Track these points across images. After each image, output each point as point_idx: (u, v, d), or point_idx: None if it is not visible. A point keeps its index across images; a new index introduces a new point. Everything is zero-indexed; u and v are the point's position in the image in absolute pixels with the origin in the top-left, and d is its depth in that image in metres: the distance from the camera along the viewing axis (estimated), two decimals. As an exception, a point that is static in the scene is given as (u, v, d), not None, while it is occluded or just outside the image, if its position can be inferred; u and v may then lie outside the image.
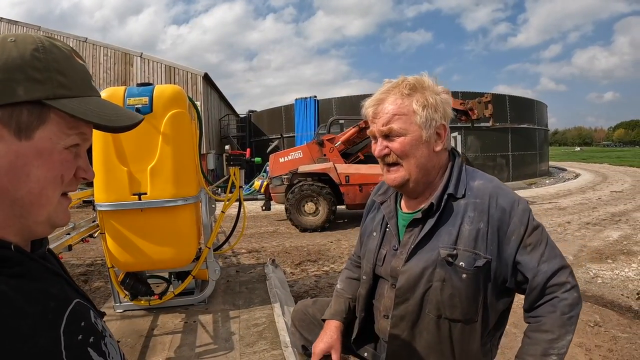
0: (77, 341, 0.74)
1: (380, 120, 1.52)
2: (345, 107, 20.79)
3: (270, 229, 10.00)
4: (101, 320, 0.89)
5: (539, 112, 24.60)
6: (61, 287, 0.79)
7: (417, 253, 1.52)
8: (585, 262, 6.10)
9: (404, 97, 1.50)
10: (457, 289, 1.45)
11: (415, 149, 1.50)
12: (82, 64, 0.79)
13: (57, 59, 0.72)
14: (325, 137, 10.61)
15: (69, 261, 6.63)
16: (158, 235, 3.46)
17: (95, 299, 4.83)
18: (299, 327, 2.10)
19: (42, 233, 0.79)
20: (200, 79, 20.78)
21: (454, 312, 1.48)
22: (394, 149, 1.52)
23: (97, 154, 3.33)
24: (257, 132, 25.31)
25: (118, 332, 3.39)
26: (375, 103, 1.55)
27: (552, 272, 1.43)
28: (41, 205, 0.73)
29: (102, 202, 3.36)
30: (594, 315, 4.14)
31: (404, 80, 1.53)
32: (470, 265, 1.44)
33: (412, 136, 1.49)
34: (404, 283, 1.53)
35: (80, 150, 0.78)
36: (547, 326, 1.42)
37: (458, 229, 1.48)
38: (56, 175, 0.73)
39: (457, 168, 1.59)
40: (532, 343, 1.44)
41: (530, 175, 22.33)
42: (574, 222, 9.26)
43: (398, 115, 1.49)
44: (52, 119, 0.71)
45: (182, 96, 3.52)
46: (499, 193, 1.51)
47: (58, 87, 0.71)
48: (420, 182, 1.56)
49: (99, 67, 20.73)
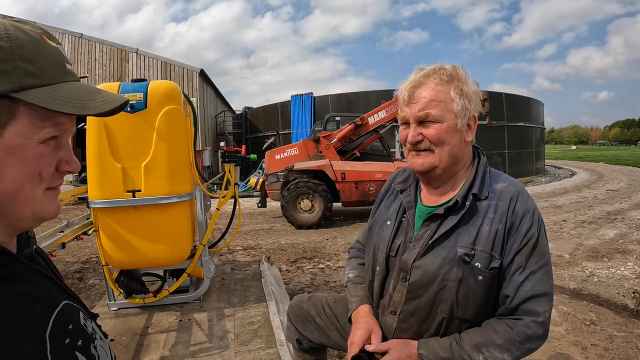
0: (64, 345, 0.72)
1: (417, 105, 1.47)
2: (342, 104, 20.76)
3: (266, 226, 9.97)
4: (92, 322, 0.87)
5: (535, 110, 24.60)
6: (48, 289, 0.76)
7: (434, 249, 1.48)
8: (581, 261, 6.11)
9: (443, 84, 1.46)
10: (472, 290, 1.43)
11: (450, 136, 1.47)
12: (55, 46, 0.72)
13: (23, 45, 0.66)
14: (321, 134, 10.56)
15: (63, 258, 6.60)
16: (152, 232, 3.43)
17: (90, 297, 4.80)
18: (294, 321, 2.10)
19: (29, 227, 0.77)
20: (196, 76, 20.67)
21: (466, 313, 1.46)
22: (429, 135, 1.47)
23: (90, 150, 3.30)
24: (253, 129, 25.21)
25: (112, 330, 3.37)
26: (412, 86, 1.49)
27: (531, 295, 1.39)
28: (21, 204, 0.69)
29: (96, 199, 3.33)
30: (589, 314, 4.14)
31: (441, 67, 1.50)
32: (486, 266, 1.41)
33: (448, 124, 1.46)
34: (418, 278, 1.49)
35: (60, 141, 0.73)
36: (499, 330, 1.41)
37: (478, 229, 1.45)
38: (33, 172, 0.68)
39: (482, 168, 1.56)
40: (479, 331, 1.44)
41: (526, 174, 22.35)
42: (570, 221, 9.28)
43: (436, 101, 1.45)
44: (22, 112, 0.65)
45: (177, 92, 3.49)
46: (519, 197, 1.48)
47: (25, 77, 0.65)
48: (447, 170, 1.53)
49: (94, 63, 20.57)
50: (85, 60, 20.55)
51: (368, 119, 10.24)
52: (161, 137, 3.33)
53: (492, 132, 19.72)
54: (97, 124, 3.23)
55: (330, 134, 10.56)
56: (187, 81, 20.50)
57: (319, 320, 2.03)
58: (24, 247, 0.79)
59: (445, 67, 1.50)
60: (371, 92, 20.81)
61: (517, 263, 1.42)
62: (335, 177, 9.73)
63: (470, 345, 1.40)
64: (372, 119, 10.23)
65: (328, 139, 10.37)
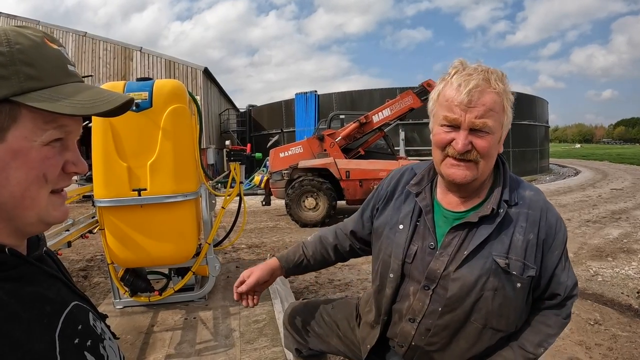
0: (73, 345, 0.72)
1: (475, 111, 1.34)
2: (346, 102, 20.75)
3: (271, 224, 9.98)
4: (101, 323, 0.88)
5: (539, 108, 24.51)
6: (58, 290, 0.77)
7: (471, 260, 1.41)
8: (586, 260, 6.09)
9: (500, 93, 1.36)
10: (508, 298, 1.40)
11: (495, 149, 1.41)
12: (57, 49, 0.73)
13: (24, 49, 0.67)
14: (325, 132, 10.55)
15: (68, 257, 6.62)
16: (158, 231, 3.45)
17: (94, 295, 4.82)
18: (291, 330, 2.04)
19: (37, 231, 0.76)
20: (200, 74, 20.68)
21: (500, 322, 1.44)
22: (479, 146, 1.36)
23: (96, 149, 3.31)
24: (257, 127, 25.21)
25: (118, 329, 3.38)
26: (474, 88, 1.34)
27: (572, 286, 1.50)
28: (26, 207, 0.69)
29: (102, 198, 3.34)
30: (594, 313, 4.13)
31: (494, 71, 1.39)
32: (521, 274, 1.40)
33: (497, 136, 1.40)
34: (457, 291, 1.42)
35: (67, 143, 0.73)
36: (551, 322, 1.50)
37: (510, 238, 1.41)
38: (38, 174, 0.68)
39: (507, 174, 1.52)
40: (533, 331, 1.50)
41: (530, 172, 22.29)
42: (574, 220, 9.25)
43: (494, 111, 1.36)
44: (24, 115, 0.66)
45: (182, 91, 3.50)
46: (548, 208, 1.49)
47: (26, 81, 0.65)
48: (480, 181, 1.48)
49: (98, 62, 20.61)
50: (89, 59, 20.61)
51: (372, 117, 10.22)
52: (167, 135, 3.34)
53: (497, 130, 19.70)
54: (103, 123, 3.25)
55: (335, 132, 10.54)
56: (191, 79, 20.52)
57: (318, 328, 1.97)
58: (34, 249, 0.80)
59: (497, 71, 1.40)
60: (375, 90, 20.78)
61: (561, 267, 1.47)
62: (340, 175, 9.72)
63: (533, 345, 1.46)
64: (377, 117, 10.21)
65: (332, 137, 10.35)
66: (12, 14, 22.09)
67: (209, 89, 22.49)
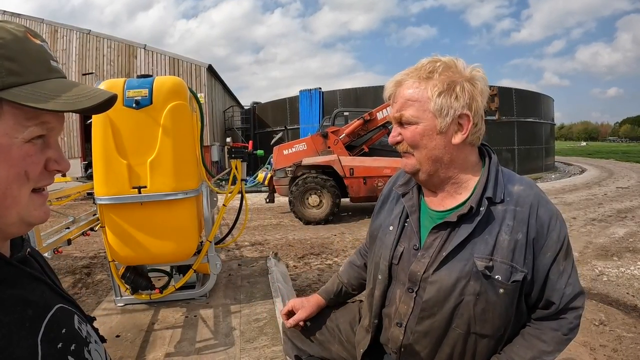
0: (56, 350, 0.71)
1: (395, 105, 1.40)
2: (350, 99, 20.70)
3: (274, 222, 9.96)
4: (87, 325, 0.86)
5: (545, 106, 24.36)
6: (41, 293, 0.75)
7: (449, 261, 1.36)
8: (591, 259, 6.03)
9: (421, 81, 1.35)
10: (492, 303, 1.33)
11: (427, 139, 1.36)
12: (40, 44, 0.72)
13: (5, 44, 0.65)
14: (329, 129, 10.53)
15: (71, 254, 6.64)
16: (158, 229, 3.43)
17: (97, 292, 4.82)
18: (291, 337, 1.98)
19: (17, 233, 0.74)
20: (204, 71, 20.67)
21: (484, 328, 1.35)
22: (405, 137, 1.39)
23: (96, 146, 3.30)
24: (261, 124, 25.19)
25: (119, 326, 3.38)
26: (393, 85, 1.41)
27: (573, 295, 1.37)
28: (7, 206, 0.67)
29: (102, 195, 3.33)
30: (598, 313, 4.08)
31: (430, 61, 1.38)
32: (507, 279, 1.31)
33: (425, 125, 1.35)
34: (434, 295, 1.37)
35: (48, 140, 0.72)
36: (547, 338, 1.37)
37: (495, 238, 1.33)
38: (19, 172, 0.67)
39: (494, 168, 1.43)
40: (526, 346, 1.38)
41: (536, 170, 22.17)
42: (580, 218, 9.18)
43: (411, 101, 1.35)
44: (5, 111, 0.64)
45: (183, 88, 3.47)
46: (540, 203, 1.38)
47: (7, 76, 0.64)
48: (434, 175, 1.41)
49: (102, 59, 20.64)
50: (93, 57, 20.65)
51: (377, 114, 10.19)
52: (167, 133, 3.32)
53: (502, 127, 19.61)
54: (103, 120, 3.23)
55: (339, 129, 10.53)
56: (195, 76, 20.53)
57: (319, 334, 1.91)
58: (18, 250, 0.78)
59: (434, 60, 1.37)
60: (380, 87, 20.62)
61: (556, 271, 1.35)
62: (344, 173, 9.68)
63: None
64: (381, 114, 10.18)
65: (336, 134, 10.34)
66: (16, 12, 22.16)
67: (213, 86, 22.49)
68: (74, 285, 5.09)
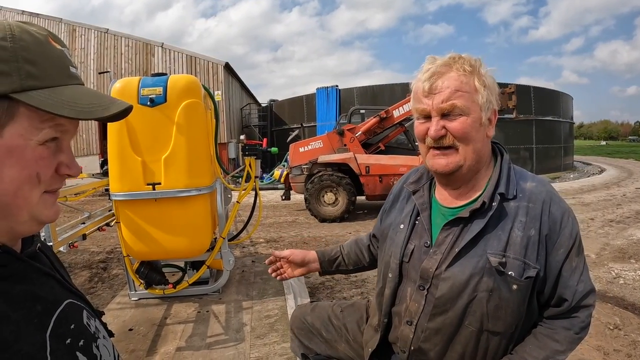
0: (64, 345, 0.71)
1: (440, 95, 1.33)
2: (367, 96, 20.62)
3: (290, 219, 10.00)
4: (96, 320, 0.87)
5: (564, 104, 23.93)
6: (50, 288, 0.76)
7: (462, 258, 1.36)
8: (608, 261, 5.91)
9: (467, 74, 1.34)
10: (505, 300, 1.32)
11: (475, 131, 1.35)
12: (60, 49, 0.72)
13: (27, 47, 0.66)
14: (345, 127, 10.51)
15: (88, 248, 6.76)
16: (172, 225, 3.48)
17: (113, 286, 4.89)
18: (298, 335, 1.99)
19: (29, 231, 0.75)
20: (221, 69, 20.76)
21: (497, 325, 1.35)
22: (453, 129, 1.34)
23: (111, 144, 3.35)
24: (278, 122, 25.25)
25: (132, 320, 3.44)
26: (432, 76, 1.35)
27: (585, 293, 1.36)
28: (18, 206, 0.68)
29: (117, 191, 3.39)
30: (614, 317, 4.00)
31: (461, 56, 1.37)
32: (520, 275, 1.30)
33: (474, 117, 1.34)
34: (446, 292, 1.37)
35: (61, 144, 0.73)
36: (559, 337, 1.35)
37: (508, 234, 1.33)
38: (31, 174, 0.68)
39: (506, 164, 1.44)
40: (539, 346, 1.36)
41: (554, 169, 21.82)
42: (598, 219, 9.02)
43: (462, 91, 1.33)
44: (22, 113, 0.65)
45: (197, 86, 3.51)
46: (552, 199, 1.37)
47: (27, 78, 0.65)
48: (472, 169, 1.41)
49: (120, 58, 20.86)
50: (111, 55, 20.88)
51: (393, 111, 10.14)
52: (181, 130, 3.36)
53: (520, 126, 19.33)
54: (118, 117, 3.28)
55: (355, 126, 10.50)
56: (212, 74, 20.63)
57: (326, 333, 1.91)
58: (28, 246, 0.79)
59: (464, 56, 1.38)
60: (397, 85, 20.57)
61: (569, 267, 1.34)
62: (360, 170, 9.67)
63: None
64: (397, 112, 10.13)
65: (352, 131, 10.32)
66: (35, 12, 22.49)
67: (230, 83, 22.58)
68: (90, 280, 5.18)
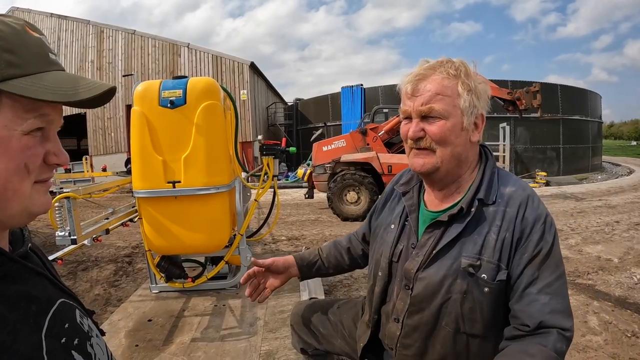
0: (60, 344, 0.72)
1: (420, 98, 1.36)
2: (392, 95, 20.51)
3: (312, 217, 10.08)
4: (88, 319, 0.87)
5: (592, 103, 23.20)
6: (43, 288, 0.76)
7: (438, 259, 1.38)
8: (631, 266, 5.74)
9: (450, 77, 1.35)
10: (479, 302, 1.32)
11: (454, 135, 1.36)
12: (38, 37, 0.72)
13: (5, 36, 0.65)
14: (368, 126, 10.51)
15: (114, 243, 7.02)
16: (191, 221, 3.62)
17: (136, 280, 5.09)
18: (297, 330, 2.07)
19: (19, 224, 0.75)
20: (246, 68, 20.95)
21: (474, 327, 1.35)
22: (431, 132, 1.37)
23: (134, 143, 3.51)
24: (303, 120, 25.35)
25: (151, 311, 3.60)
26: (415, 79, 1.38)
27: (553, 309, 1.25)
28: (8, 199, 0.67)
29: (139, 189, 3.55)
30: (632, 324, 3.90)
31: (449, 60, 1.39)
32: (492, 278, 1.30)
33: (454, 121, 1.35)
34: (421, 290, 1.40)
35: (47, 133, 0.72)
36: (534, 351, 1.21)
37: (484, 238, 1.34)
38: (19, 164, 0.67)
39: (489, 170, 1.45)
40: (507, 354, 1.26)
41: (581, 170, 21.29)
42: (623, 222, 8.81)
43: (442, 95, 1.34)
44: (4, 103, 0.64)
45: (215, 88, 3.64)
46: (528, 203, 1.36)
47: (7, 68, 0.64)
48: (450, 173, 1.43)
49: (147, 58, 21.32)
50: (138, 56, 21.36)
51: (416, 111, 10.10)
52: (200, 131, 3.50)
53: (547, 125, 18.98)
54: (140, 118, 3.45)
55: (378, 126, 10.50)
56: (237, 74, 20.83)
57: (323, 329, 1.98)
58: (19, 246, 0.79)
59: (452, 60, 1.40)
60: (422, 84, 20.42)
61: (529, 275, 1.29)
62: (382, 170, 9.67)
63: None
64: (420, 111, 10.09)
65: (375, 131, 10.31)
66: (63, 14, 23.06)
67: (256, 83, 22.77)
68: (115, 273, 5.40)
